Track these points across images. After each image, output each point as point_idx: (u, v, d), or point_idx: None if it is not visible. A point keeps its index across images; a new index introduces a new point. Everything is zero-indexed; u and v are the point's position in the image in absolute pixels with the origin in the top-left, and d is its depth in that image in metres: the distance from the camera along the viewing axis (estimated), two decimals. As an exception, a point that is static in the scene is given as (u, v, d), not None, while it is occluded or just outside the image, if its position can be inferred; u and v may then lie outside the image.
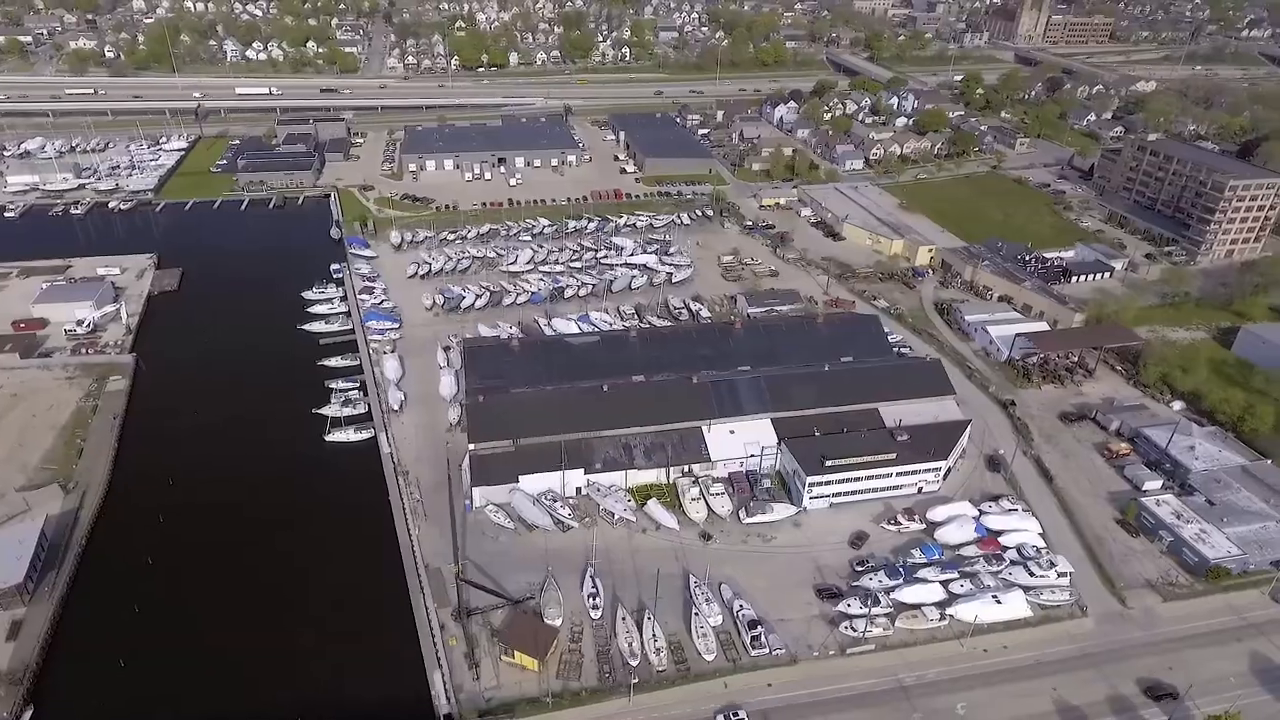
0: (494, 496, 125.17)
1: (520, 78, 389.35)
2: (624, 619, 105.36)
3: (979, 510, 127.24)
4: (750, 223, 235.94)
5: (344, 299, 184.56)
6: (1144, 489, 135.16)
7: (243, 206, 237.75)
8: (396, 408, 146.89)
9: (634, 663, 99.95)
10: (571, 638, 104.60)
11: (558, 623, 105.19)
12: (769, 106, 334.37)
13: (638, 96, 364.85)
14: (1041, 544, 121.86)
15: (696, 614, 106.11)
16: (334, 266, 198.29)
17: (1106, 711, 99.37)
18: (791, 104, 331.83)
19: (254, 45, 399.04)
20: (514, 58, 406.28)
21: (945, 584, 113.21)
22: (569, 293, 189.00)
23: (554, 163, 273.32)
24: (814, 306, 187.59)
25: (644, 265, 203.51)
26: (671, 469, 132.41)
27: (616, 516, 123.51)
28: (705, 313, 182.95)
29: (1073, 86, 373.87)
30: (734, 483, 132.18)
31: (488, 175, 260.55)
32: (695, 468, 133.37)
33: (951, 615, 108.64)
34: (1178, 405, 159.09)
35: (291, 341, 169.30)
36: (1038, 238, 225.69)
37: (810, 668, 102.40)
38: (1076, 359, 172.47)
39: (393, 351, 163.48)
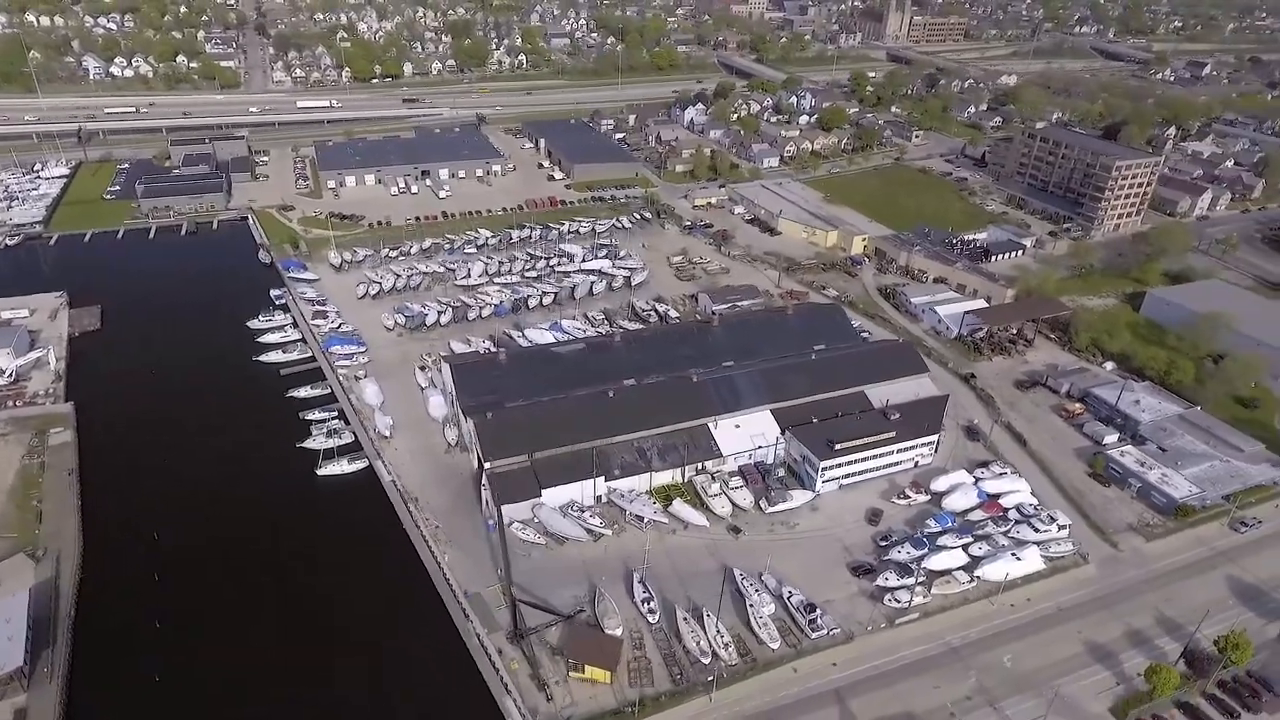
0: (518, 514, 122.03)
1: (417, 88, 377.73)
2: (685, 619, 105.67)
3: (975, 477, 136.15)
4: (689, 223, 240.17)
5: (295, 325, 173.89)
6: (1103, 443, 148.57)
7: (150, 235, 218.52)
8: (387, 434, 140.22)
9: (705, 660, 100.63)
10: (634, 645, 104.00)
11: (619, 632, 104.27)
12: (678, 109, 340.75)
13: (546, 104, 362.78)
14: (1035, 502, 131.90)
15: (751, 605, 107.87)
16: (275, 292, 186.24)
17: (1127, 646, 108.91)
18: (699, 106, 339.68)
19: (117, 61, 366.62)
20: (408, 68, 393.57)
21: (965, 548, 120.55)
22: (532, 303, 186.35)
23: (479, 173, 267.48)
24: (772, 300, 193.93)
25: (599, 270, 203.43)
26: (686, 468, 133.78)
27: (647, 520, 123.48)
28: (673, 313, 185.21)
29: (947, 82, 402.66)
30: (746, 475, 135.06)
31: (414, 189, 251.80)
32: (708, 464, 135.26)
33: (979, 576, 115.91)
34: (1110, 366, 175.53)
35: (249, 376, 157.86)
36: (953, 222, 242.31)
37: (865, 643, 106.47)
38: (1016, 331, 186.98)
39: (366, 376, 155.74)
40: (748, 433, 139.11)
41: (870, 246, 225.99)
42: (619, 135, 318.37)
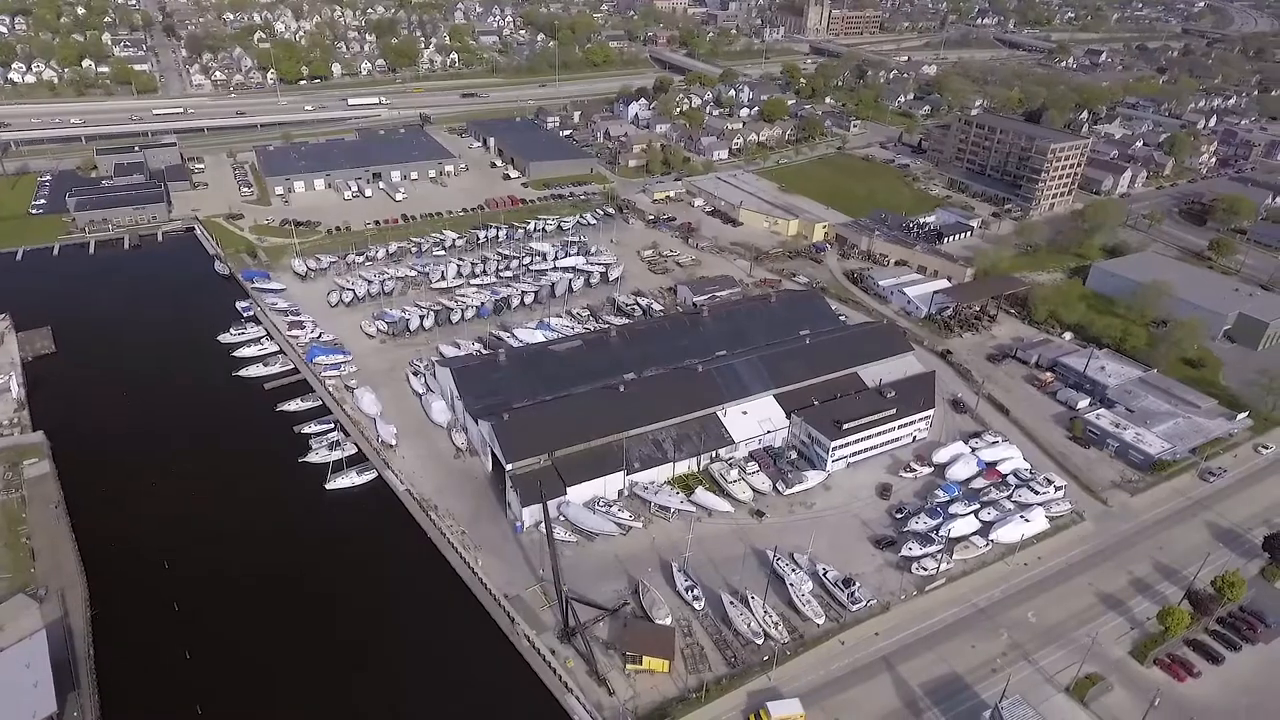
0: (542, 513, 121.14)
1: (347, 89, 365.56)
2: (731, 603, 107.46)
3: (971, 448, 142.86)
4: (652, 217, 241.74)
5: (270, 337, 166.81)
6: (1077, 408, 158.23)
7: (90, 250, 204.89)
8: (393, 442, 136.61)
9: (759, 641, 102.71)
10: (684, 632, 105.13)
11: (669, 621, 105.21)
12: (622, 104, 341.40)
13: (486, 103, 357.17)
14: (1028, 466, 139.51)
15: (791, 585, 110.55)
16: (241, 304, 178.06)
17: (1133, 593, 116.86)
18: (642, 101, 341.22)
19: (15, 66, 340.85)
20: (336, 69, 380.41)
21: (976, 515, 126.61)
22: (514, 303, 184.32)
23: (431, 174, 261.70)
24: (748, 289, 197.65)
25: (573, 268, 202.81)
26: (701, 457, 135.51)
27: (673, 510, 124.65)
28: (656, 306, 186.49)
29: (874, 73, 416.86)
30: (757, 460, 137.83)
31: (368, 192, 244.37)
32: (721, 452, 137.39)
33: (993, 540, 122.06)
34: (1068, 336, 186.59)
35: (232, 392, 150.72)
36: (902, 207, 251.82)
37: (901, 611, 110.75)
38: (980, 308, 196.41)
39: (359, 385, 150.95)
40: (755, 419, 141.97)
41: (831, 233, 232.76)
42: (566, 132, 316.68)
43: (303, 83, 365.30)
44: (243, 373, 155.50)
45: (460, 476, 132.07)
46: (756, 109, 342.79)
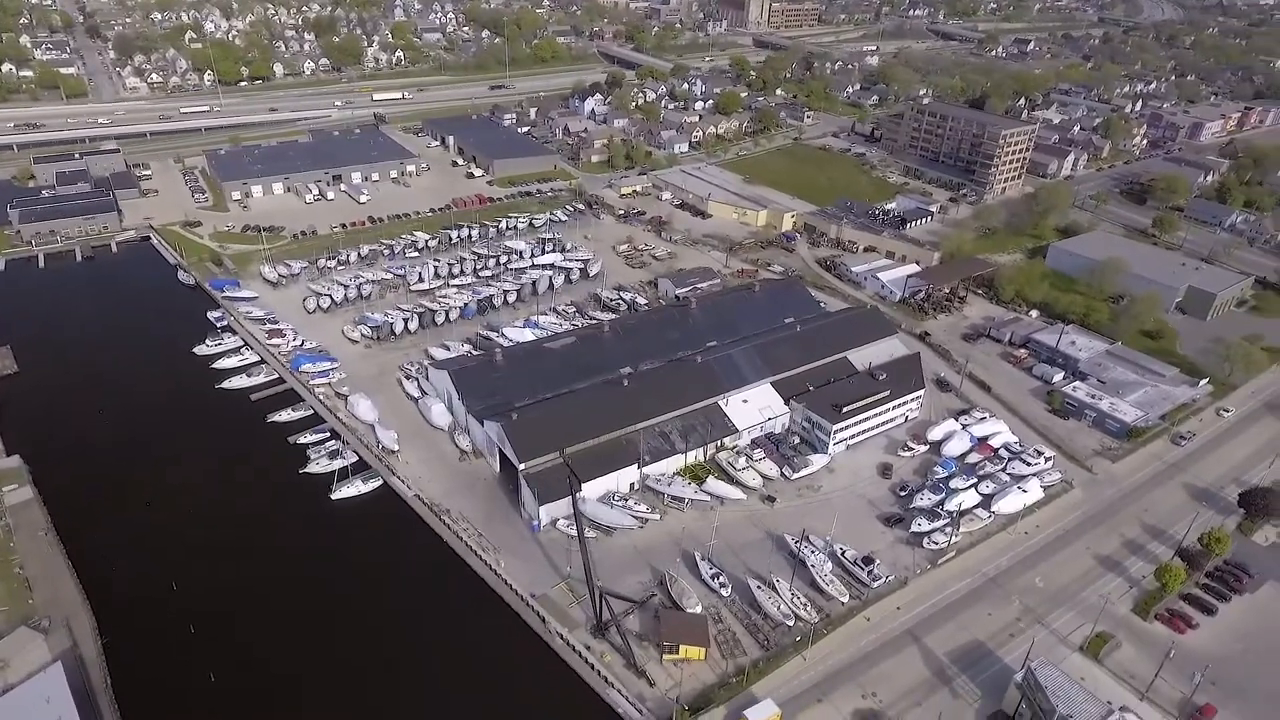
0: (559, 511, 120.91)
1: (292, 89, 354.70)
2: (759, 588, 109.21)
3: (961, 424, 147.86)
4: (622, 211, 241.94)
5: (248, 347, 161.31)
6: (1053, 382, 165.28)
7: (40, 264, 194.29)
8: (395, 448, 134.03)
9: (790, 623, 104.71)
10: (714, 619, 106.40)
11: (699, 609, 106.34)
12: (577, 100, 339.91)
13: (438, 101, 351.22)
14: (1016, 439, 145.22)
15: (812, 566, 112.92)
16: (213, 315, 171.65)
17: (1127, 554, 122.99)
18: (598, 96, 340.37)
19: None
20: (278, 69, 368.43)
21: (976, 488, 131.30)
22: (497, 302, 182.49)
23: (393, 174, 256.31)
24: (727, 280, 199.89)
25: (552, 265, 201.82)
26: (708, 447, 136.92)
27: (688, 500, 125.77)
28: (640, 300, 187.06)
29: (820, 65, 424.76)
30: (761, 447, 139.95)
31: (330, 195, 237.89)
32: (726, 441, 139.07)
33: (995, 511, 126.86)
34: (1034, 314, 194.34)
35: (218, 405, 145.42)
36: (864, 194, 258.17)
37: (919, 585, 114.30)
38: (950, 290, 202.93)
39: (353, 392, 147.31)
40: (755, 406, 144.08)
41: (799, 222, 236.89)
42: (524, 129, 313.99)
43: (243, 84, 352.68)
44: (226, 385, 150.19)
45: (467, 479, 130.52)
46: (711, 102, 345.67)
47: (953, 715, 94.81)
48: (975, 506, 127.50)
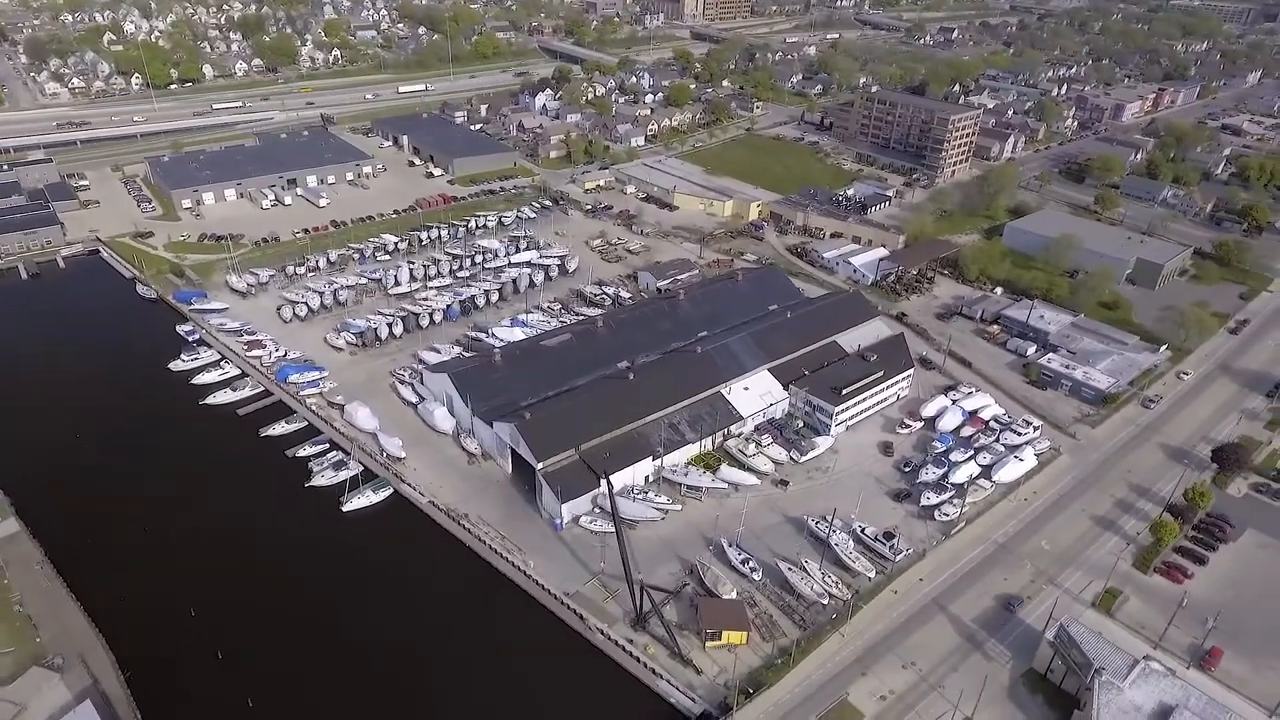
0: (581, 508, 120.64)
1: (225, 91, 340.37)
2: (790, 569, 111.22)
3: (951, 400, 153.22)
4: (589, 207, 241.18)
5: (227, 360, 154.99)
6: (1027, 355, 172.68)
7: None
8: (401, 455, 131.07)
9: (825, 602, 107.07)
10: (750, 603, 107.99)
11: (734, 595, 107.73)
12: (527, 96, 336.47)
13: (384, 101, 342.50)
14: (1003, 411, 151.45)
15: (836, 545, 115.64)
16: (183, 329, 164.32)
17: (1120, 513, 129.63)
18: (548, 91, 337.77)
19: None
20: (209, 70, 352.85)
21: (974, 460, 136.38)
22: (480, 302, 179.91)
23: (349, 177, 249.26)
24: (705, 271, 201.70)
25: (529, 262, 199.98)
26: (715, 435, 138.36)
27: (704, 489, 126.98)
28: (624, 294, 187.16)
29: (762, 56, 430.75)
30: (767, 432, 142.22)
31: (287, 200, 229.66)
32: (732, 429, 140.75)
33: (996, 481, 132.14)
34: (999, 291, 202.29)
35: (205, 422, 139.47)
36: (822, 182, 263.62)
37: (936, 556, 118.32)
38: (917, 272, 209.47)
39: (346, 401, 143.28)
40: (756, 393, 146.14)
41: (765, 211, 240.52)
42: (476, 126, 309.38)
43: (173, 86, 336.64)
44: (210, 401, 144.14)
45: (480, 482, 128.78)
46: (660, 95, 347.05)
47: (991, 676, 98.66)
48: (977, 477, 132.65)
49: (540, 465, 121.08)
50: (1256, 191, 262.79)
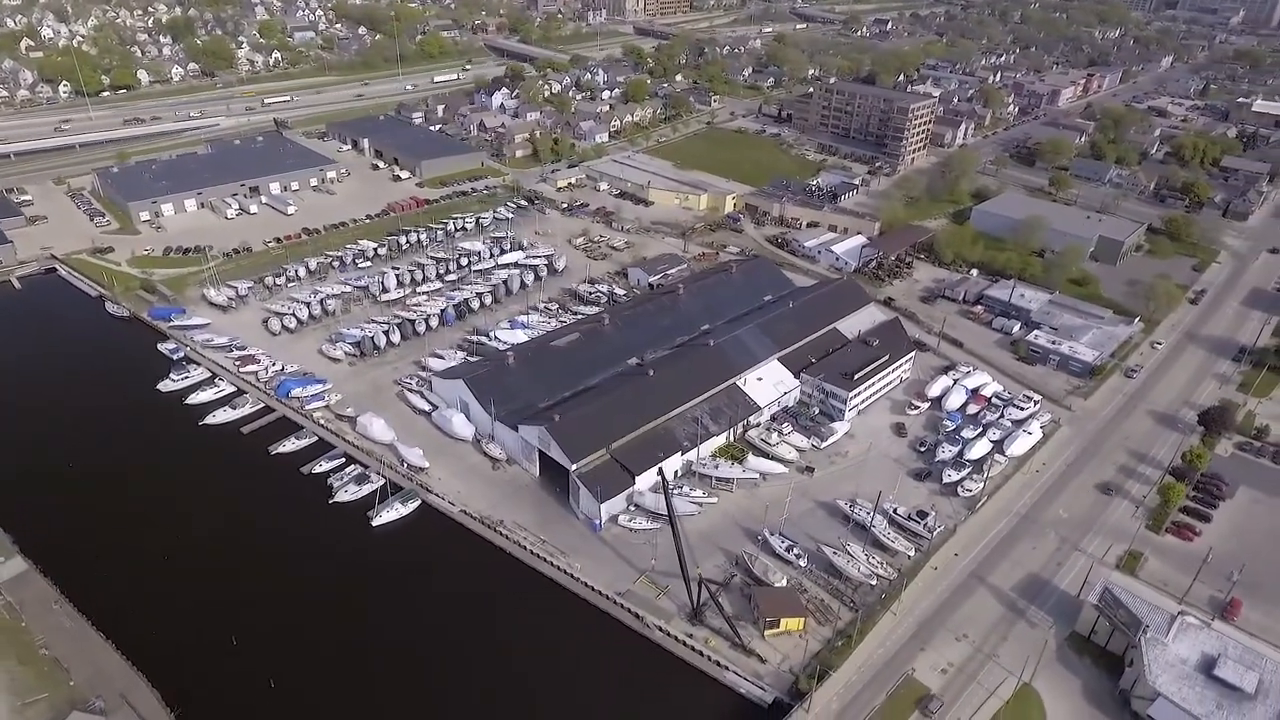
0: (616, 507, 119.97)
1: (163, 98, 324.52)
2: (835, 554, 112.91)
3: (953, 379, 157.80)
4: (565, 205, 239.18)
5: (219, 378, 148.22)
6: (1013, 333, 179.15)
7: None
8: (425, 465, 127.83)
9: (873, 583, 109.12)
10: (799, 589, 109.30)
11: (784, 582, 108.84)
12: (484, 95, 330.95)
13: (335, 103, 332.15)
14: (1001, 388, 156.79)
15: (873, 527, 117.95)
16: (166, 347, 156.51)
17: (1125, 478, 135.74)
18: (505, 90, 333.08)
19: None
20: (144, 76, 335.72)
21: (985, 436, 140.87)
22: (474, 305, 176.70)
23: (314, 183, 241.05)
24: (693, 264, 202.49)
25: (515, 263, 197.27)
26: (736, 426, 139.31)
27: (735, 481, 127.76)
28: (619, 291, 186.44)
29: (711, 50, 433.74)
30: (787, 420, 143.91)
31: (253, 209, 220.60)
32: (751, 419, 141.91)
33: (1008, 455, 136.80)
34: (975, 273, 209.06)
35: (206, 443, 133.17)
36: (789, 172, 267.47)
37: (966, 530, 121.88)
38: (896, 257, 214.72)
39: (357, 413, 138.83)
40: (770, 383, 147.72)
41: (740, 203, 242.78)
42: (435, 127, 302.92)
43: (105, 94, 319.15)
44: (210, 420, 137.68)
45: (507, 487, 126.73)
46: (617, 90, 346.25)
47: (1037, 642, 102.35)
48: (991, 452, 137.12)
49: (574, 467, 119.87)
50: (1194, 169, 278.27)
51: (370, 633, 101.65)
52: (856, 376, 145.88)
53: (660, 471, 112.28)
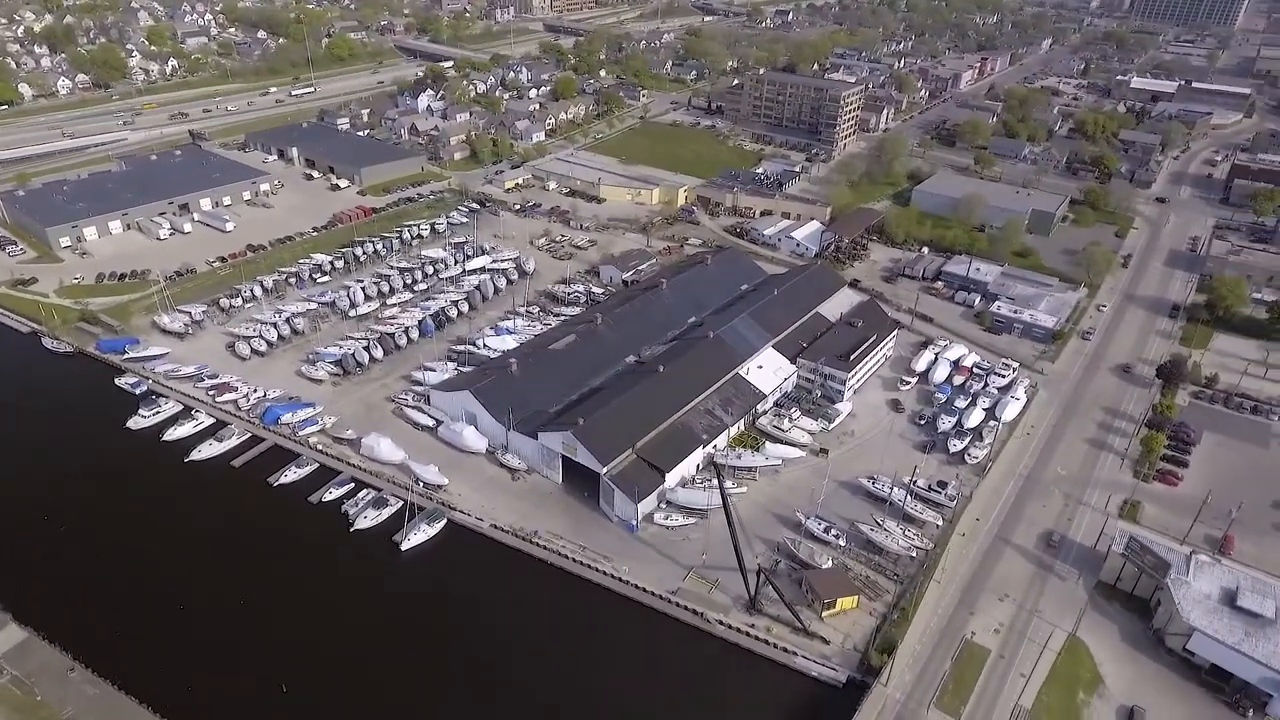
0: (649, 506, 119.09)
1: (52, 113, 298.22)
2: (872, 530, 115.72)
3: (934, 354, 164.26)
4: (518, 206, 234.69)
5: (193, 411, 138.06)
6: (975, 305, 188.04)
7: None
8: (443, 481, 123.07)
9: (914, 555, 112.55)
10: (844, 567, 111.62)
11: (829, 563, 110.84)
12: (408, 98, 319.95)
13: (247, 112, 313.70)
14: (979, 358, 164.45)
15: (900, 501, 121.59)
16: (126, 381, 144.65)
17: (1106, 433, 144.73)
18: (430, 92, 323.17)
19: None
20: (26, 90, 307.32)
21: (977, 404, 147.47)
22: (451, 313, 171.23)
23: (246, 196, 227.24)
24: (661, 259, 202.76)
25: (483, 268, 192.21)
26: (745, 416, 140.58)
27: (758, 469, 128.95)
28: (596, 289, 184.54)
29: (629, 46, 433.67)
30: (795, 405, 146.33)
31: (187, 228, 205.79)
32: (758, 407, 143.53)
33: (1001, 420, 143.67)
34: (926, 250, 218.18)
35: (198, 481, 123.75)
36: (730, 163, 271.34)
37: (982, 497, 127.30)
38: (852, 240, 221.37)
39: (360, 435, 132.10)
40: (770, 370, 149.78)
41: (692, 196, 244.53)
42: (362, 132, 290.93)
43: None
44: (196, 456, 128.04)
45: (533, 497, 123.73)
46: (545, 89, 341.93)
47: (1071, 594, 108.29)
48: (986, 419, 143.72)
49: (606, 469, 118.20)
50: (1099, 143, 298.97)
51: (433, 663, 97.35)
52: (853, 357, 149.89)
53: (713, 463, 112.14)
